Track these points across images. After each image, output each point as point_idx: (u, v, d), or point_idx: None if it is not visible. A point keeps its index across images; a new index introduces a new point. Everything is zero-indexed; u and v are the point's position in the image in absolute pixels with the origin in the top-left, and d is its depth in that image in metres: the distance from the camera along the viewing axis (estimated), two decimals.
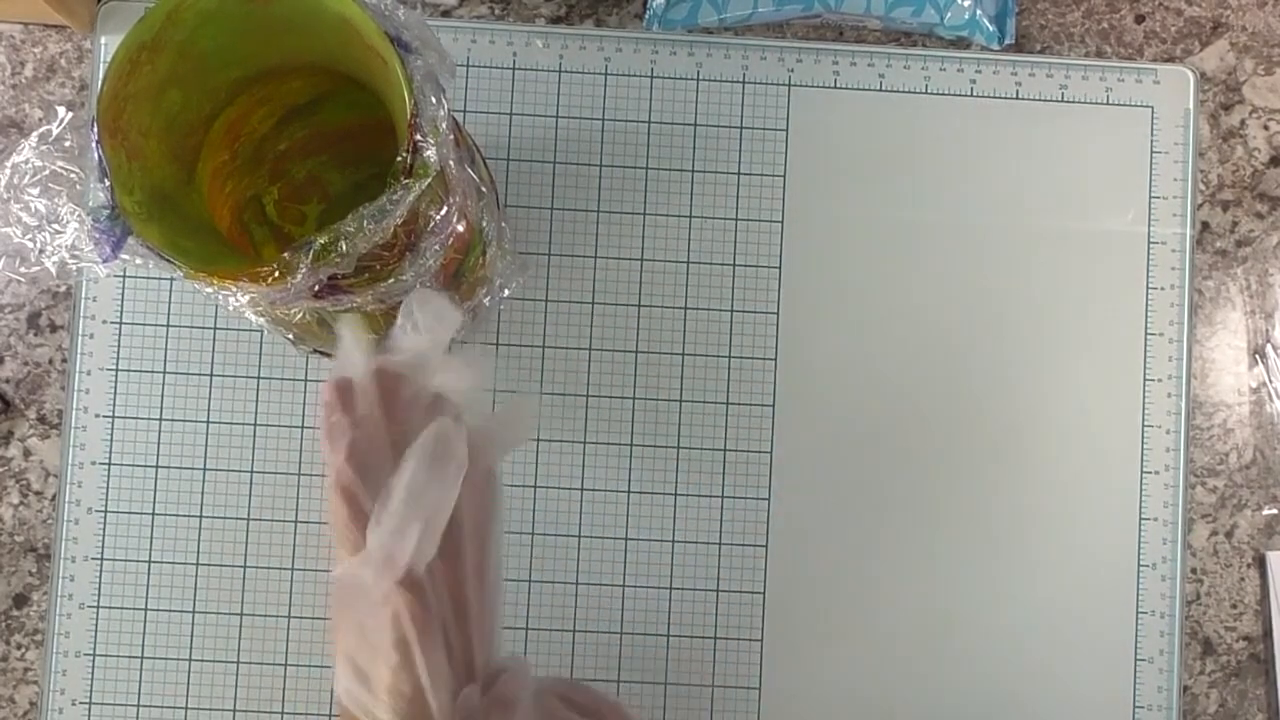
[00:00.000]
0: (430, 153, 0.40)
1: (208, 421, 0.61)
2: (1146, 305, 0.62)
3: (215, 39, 0.43)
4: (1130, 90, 0.63)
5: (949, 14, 0.61)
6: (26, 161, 0.41)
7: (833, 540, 0.61)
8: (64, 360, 0.61)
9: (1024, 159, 0.63)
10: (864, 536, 0.61)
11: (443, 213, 0.43)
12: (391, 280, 0.43)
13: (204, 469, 0.60)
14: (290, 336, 0.51)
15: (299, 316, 0.45)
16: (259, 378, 0.61)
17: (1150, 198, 0.62)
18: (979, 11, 0.61)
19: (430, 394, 0.41)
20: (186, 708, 0.59)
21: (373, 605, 0.37)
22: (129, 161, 0.42)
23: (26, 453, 0.61)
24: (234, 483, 0.60)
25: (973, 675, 0.61)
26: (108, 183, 0.40)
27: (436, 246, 0.44)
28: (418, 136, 0.40)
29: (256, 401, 0.61)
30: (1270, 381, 0.63)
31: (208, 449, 0.60)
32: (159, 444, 0.60)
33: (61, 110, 0.42)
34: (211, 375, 0.61)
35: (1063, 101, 0.63)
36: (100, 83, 0.41)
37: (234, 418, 0.61)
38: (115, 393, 0.60)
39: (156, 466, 0.60)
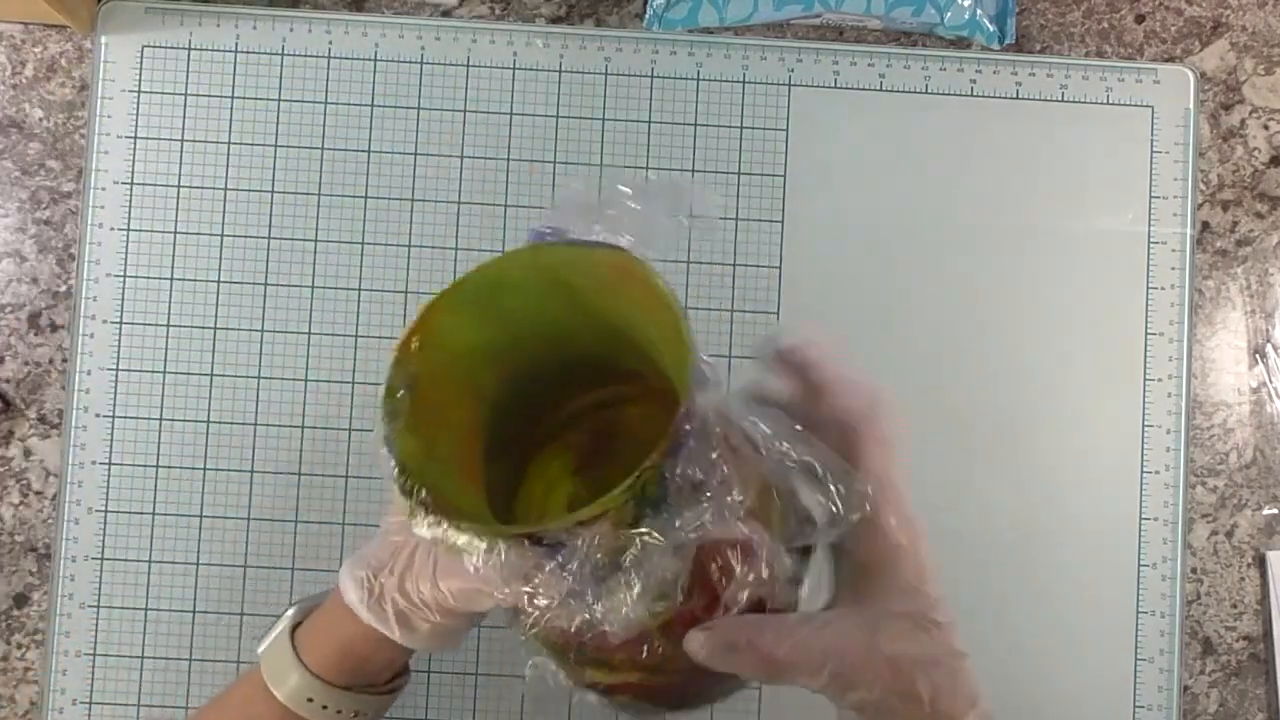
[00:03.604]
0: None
1: (208, 421, 0.61)
2: (1146, 305, 0.62)
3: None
4: (1130, 90, 0.63)
5: (949, 14, 0.61)
6: None
7: None
8: (64, 360, 0.61)
9: (1024, 159, 0.63)
10: None
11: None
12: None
13: (204, 469, 0.60)
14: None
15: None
16: (259, 378, 0.61)
17: (1150, 198, 0.62)
18: (979, 11, 0.61)
19: None
20: (186, 707, 0.59)
21: None
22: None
23: (27, 452, 0.61)
24: (234, 483, 0.60)
25: None
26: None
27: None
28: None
29: (256, 401, 0.61)
30: (1270, 381, 0.63)
31: (208, 449, 0.60)
32: (159, 444, 0.60)
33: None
34: (211, 375, 0.61)
35: (1063, 101, 0.63)
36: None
37: (234, 418, 0.61)
38: (115, 393, 0.60)
39: (156, 466, 0.60)
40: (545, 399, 0.46)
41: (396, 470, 0.39)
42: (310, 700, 0.45)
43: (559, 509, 0.46)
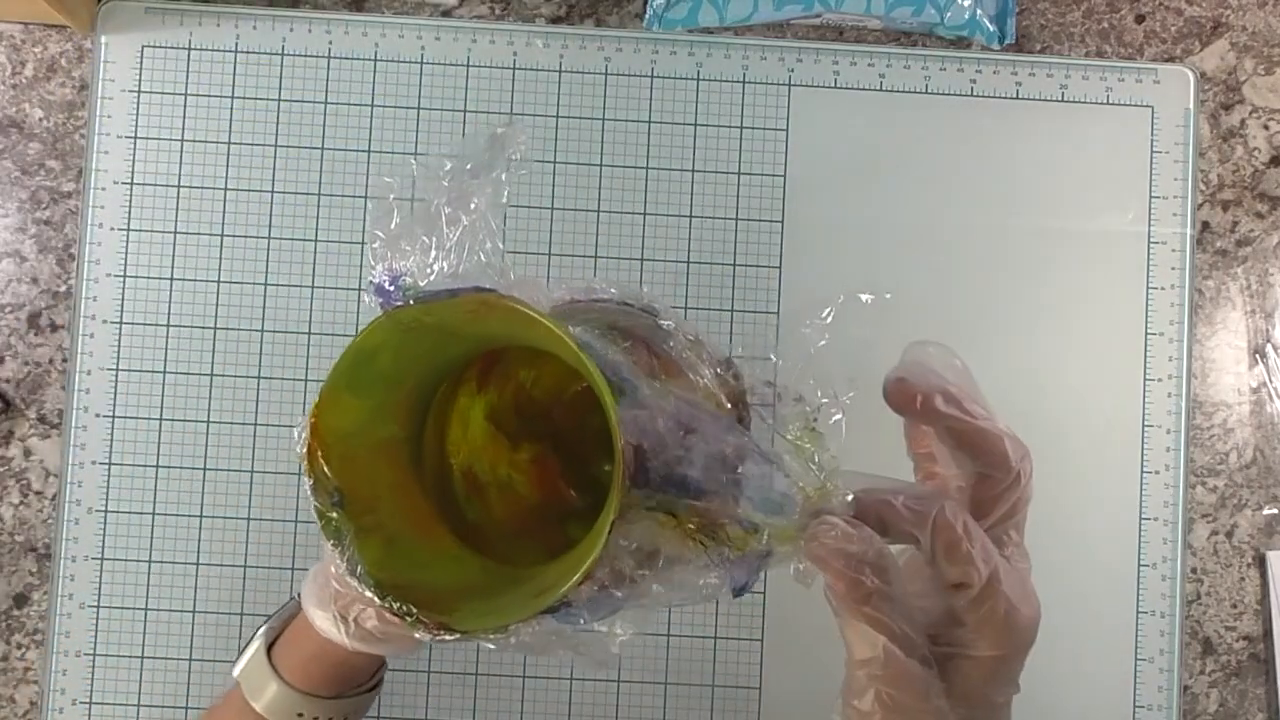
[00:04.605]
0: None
1: (208, 421, 0.61)
2: (1146, 305, 0.62)
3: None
4: (1130, 90, 0.63)
5: (949, 14, 0.61)
6: None
7: None
8: (64, 360, 0.61)
9: (1024, 159, 0.63)
10: None
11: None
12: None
13: (204, 469, 0.60)
14: None
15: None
16: (259, 378, 0.61)
17: (1150, 198, 0.62)
18: (979, 11, 0.61)
19: None
20: (186, 708, 0.59)
21: None
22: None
23: (27, 453, 0.61)
24: (234, 483, 0.60)
25: None
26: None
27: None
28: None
29: (256, 401, 0.61)
30: (1270, 381, 0.63)
31: (208, 449, 0.60)
32: (159, 444, 0.60)
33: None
34: (211, 375, 0.61)
35: (1063, 101, 0.63)
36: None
37: (234, 418, 0.61)
38: (115, 393, 0.60)
39: (156, 466, 0.60)
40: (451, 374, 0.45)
41: (376, 599, 0.38)
42: (300, 715, 0.46)
43: (481, 439, 0.45)
